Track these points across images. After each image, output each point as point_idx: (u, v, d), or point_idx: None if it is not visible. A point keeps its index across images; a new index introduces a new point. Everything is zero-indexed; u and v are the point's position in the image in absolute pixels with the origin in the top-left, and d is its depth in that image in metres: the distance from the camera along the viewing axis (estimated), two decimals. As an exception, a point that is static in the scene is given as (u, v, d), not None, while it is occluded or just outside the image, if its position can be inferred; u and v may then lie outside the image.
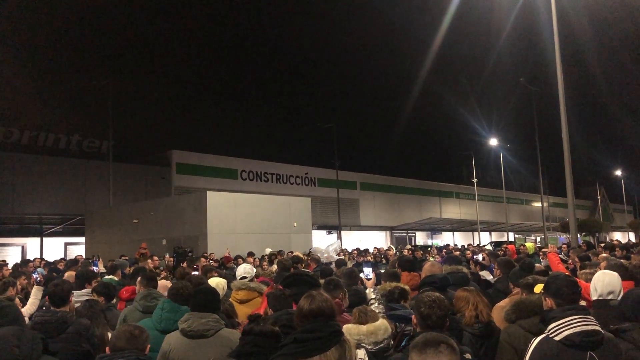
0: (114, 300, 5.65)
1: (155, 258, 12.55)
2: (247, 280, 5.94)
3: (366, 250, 18.44)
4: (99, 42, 59.35)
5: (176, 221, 19.79)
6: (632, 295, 3.49)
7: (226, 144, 53.48)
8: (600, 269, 4.78)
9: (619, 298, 3.77)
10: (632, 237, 56.88)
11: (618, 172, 66.37)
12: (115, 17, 60.48)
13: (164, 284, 5.61)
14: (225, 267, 12.92)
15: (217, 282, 5.62)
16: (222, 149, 37.99)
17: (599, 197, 65.30)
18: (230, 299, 5.48)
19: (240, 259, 13.37)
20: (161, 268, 12.02)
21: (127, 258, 13.90)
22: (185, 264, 11.58)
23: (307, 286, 4.17)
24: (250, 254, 14.07)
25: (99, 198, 27.67)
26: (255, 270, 6.95)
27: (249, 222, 19.21)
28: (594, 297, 3.88)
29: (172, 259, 14.25)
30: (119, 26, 60.98)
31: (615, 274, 4.01)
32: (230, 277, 7.20)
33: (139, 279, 5.32)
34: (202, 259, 12.74)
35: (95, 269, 9.27)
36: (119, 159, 28.66)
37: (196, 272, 7.09)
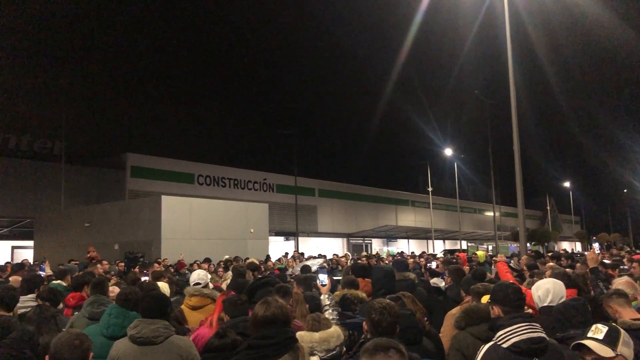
0: (61, 306, 5.48)
1: (105, 263, 12.24)
2: (201, 286, 5.87)
3: (323, 257, 18.45)
4: (54, 40, 57.72)
5: (130, 226, 19.37)
6: (573, 303, 3.63)
7: (183, 148, 52.79)
8: (546, 278, 4.93)
9: (557, 303, 3.91)
10: (578, 247, 58.98)
11: (567, 184, 68.82)
12: (71, 15, 59.04)
13: (112, 290, 5.48)
14: (179, 273, 12.74)
15: (160, 287, 5.54)
16: (179, 152, 37.54)
17: (548, 208, 67.42)
18: (182, 305, 5.41)
19: (196, 265, 13.22)
20: (112, 273, 11.74)
21: (77, 262, 13.51)
22: (137, 269, 11.33)
23: (273, 292, 4.15)
24: (207, 260, 13.93)
25: (50, 201, 26.80)
26: (210, 276, 6.87)
27: (205, 227, 18.98)
28: (538, 305, 4.00)
29: (123, 264, 13.94)
30: (74, 24, 59.51)
31: (559, 281, 4.15)
32: (182, 283, 7.09)
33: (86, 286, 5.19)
34: (156, 265, 12.50)
35: (42, 273, 9.01)
36: (71, 161, 27.90)
37: (146, 278, 6.95)
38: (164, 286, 5.67)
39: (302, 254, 20.01)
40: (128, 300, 4.16)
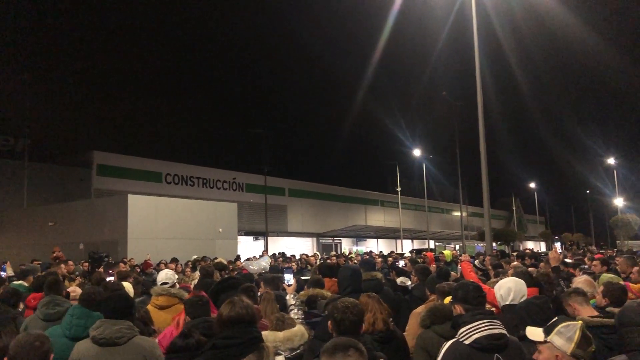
0: (21, 307, 5.36)
1: (70, 263, 12.02)
2: (168, 286, 5.81)
3: (292, 256, 18.47)
4: (17, 35, 56.29)
5: (95, 225, 19.06)
6: (534, 300, 3.73)
7: (151, 146, 52.10)
8: (509, 276, 5.03)
9: (519, 301, 4.00)
10: (543, 246, 60.31)
11: (532, 185, 70.32)
12: (35, 9, 57.62)
13: (74, 290, 5.39)
14: (145, 273, 12.59)
15: (125, 287, 5.49)
16: (146, 151, 37.01)
17: (514, 208, 68.77)
18: (149, 305, 5.35)
19: (163, 265, 13.08)
20: (77, 273, 11.54)
21: (39, 262, 13.19)
22: (101, 270, 11.15)
23: (240, 291, 4.13)
24: (174, 260, 13.80)
25: (12, 199, 26.08)
26: (177, 276, 6.81)
27: (172, 227, 18.81)
28: (501, 303, 4.08)
29: (87, 264, 13.69)
30: (38, 19, 58.11)
31: (520, 280, 4.24)
32: (149, 283, 7.02)
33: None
34: (121, 265, 12.31)
35: (2, 274, 8.84)
36: (35, 159, 27.25)
37: (111, 278, 6.84)
38: (128, 286, 5.61)
39: (274, 254, 19.95)
40: (91, 300, 4.09)
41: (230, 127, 77.76)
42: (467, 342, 3.05)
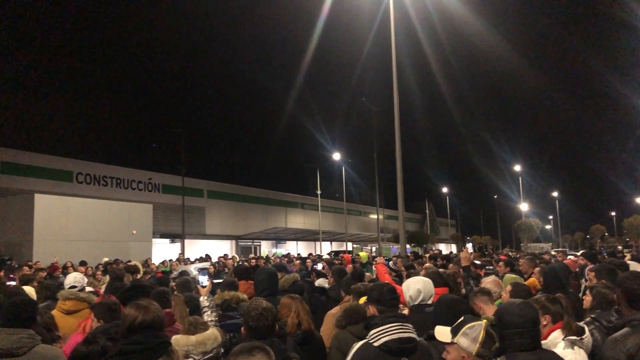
0: None
1: (-33, 267, 11.19)
2: (76, 289, 5.56)
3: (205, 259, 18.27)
4: None
5: (-3, 226, 17.92)
6: (443, 300, 3.86)
7: (61, 144, 49.42)
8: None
9: (429, 302, 4.14)
10: (454, 248, 63.08)
11: (444, 190, 73.41)
12: None
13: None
14: (52, 276, 11.96)
15: (27, 291, 5.20)
16: (56, 148, 35.12)
17: (427, 211, 71.36)
18: (55, 310, 5.09)
19: (71, 268, 12.52)
20: (-26, 278, 10.74)
21: None
22: (1, 274, 10.46)
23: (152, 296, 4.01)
24: (83, 263, 13.26)
25: None
26: (86, 279, 6.54)
27: (83, 228, 18.07)
28: (409, 304, 4.19)
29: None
30: None
31: (427, 280, 4.37)
32: (55, 287, 6.69)
33: None
34: (25, 268, 11.62)
35: None
36: None
37: (13, 282, 6.45)
38: (30, 290, 5.30)
39: (188, 258, 19.61)
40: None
41: (147, 125, 75.38)
42: (376, 344, 3.10)
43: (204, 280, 4.44)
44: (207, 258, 18.55)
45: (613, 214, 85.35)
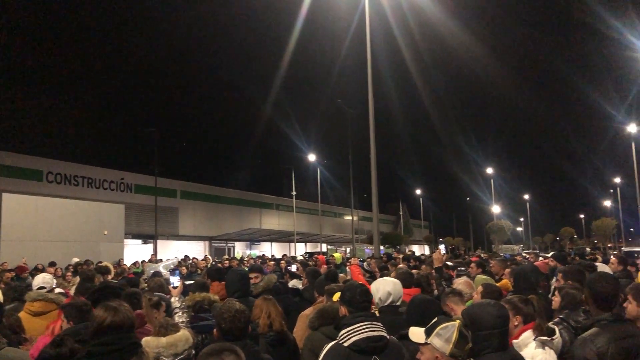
0: None
1: None
2: (45, 290, 5.47)
3: (182, 260, 18.05)
4: None
5: (-38, 226, 17.43)
6: (416, 301, 3.89)
7: (30, 142, 48.28)
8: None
9: (398, 303, 4.16)
10: (427, 249, 63.69)
11: (418, 191, 74.13)
12: None
13: None
14: (20, 277, 11.75)
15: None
16: (25, 146, 34.33)
17: (401, 213, 71.91)
18: (22, 312, 4.99)
19: (39, 269, 12.29)
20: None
21: None
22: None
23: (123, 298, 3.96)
24: (52, 264, 13.03)
25: None
26: (55, 280, 6.43)
27: (53, 228, 17.77)
28: (379, 305, 4.16)
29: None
30: None
31: (397, 281, 4.36)
32: (22, 288, 6.55)
33: None
34: (-8, 269, 11.38)
35: None
36: None
37: (-21, 284, 6.30)
38: (-2, 293, 5.17)
39: (160, 259, 19.40)
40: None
41: (120, 124, 74.23)
42: (346, 344, 3.12)
43: (175, 281, 4.40)
44: (186, 259, 18.39)
45: (582, 216, 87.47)
